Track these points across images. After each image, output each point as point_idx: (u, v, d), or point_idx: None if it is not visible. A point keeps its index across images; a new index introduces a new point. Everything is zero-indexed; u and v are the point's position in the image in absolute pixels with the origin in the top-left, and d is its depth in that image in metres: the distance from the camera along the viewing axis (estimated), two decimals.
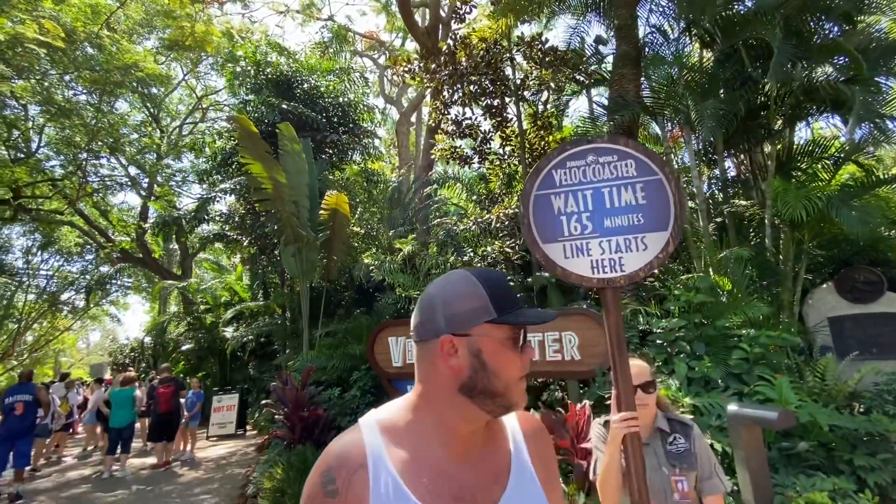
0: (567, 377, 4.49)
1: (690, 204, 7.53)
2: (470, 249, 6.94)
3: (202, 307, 17.28)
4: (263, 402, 5.87)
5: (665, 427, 1.58)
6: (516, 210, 6.47)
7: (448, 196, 10.08)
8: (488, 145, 9.01)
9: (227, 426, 10.47)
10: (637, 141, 1.52)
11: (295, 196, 7.58)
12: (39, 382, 9.55)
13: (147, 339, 19.71)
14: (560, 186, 1.46)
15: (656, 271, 7.15)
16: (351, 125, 11.84)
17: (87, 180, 15.16)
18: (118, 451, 7.33)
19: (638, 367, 1.58)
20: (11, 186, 12.83)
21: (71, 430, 11.18)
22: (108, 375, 19.72)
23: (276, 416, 5.13)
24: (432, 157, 9.07)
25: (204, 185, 12.34)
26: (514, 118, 8.24)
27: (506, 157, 8.97)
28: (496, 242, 6.14)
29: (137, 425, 8.30)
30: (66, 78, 12.46)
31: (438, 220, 8.59)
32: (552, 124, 9.13)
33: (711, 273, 5.05)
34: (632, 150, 1.47)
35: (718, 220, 6.69)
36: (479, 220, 6.64)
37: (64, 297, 25.28)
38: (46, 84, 11.49)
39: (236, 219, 11.63)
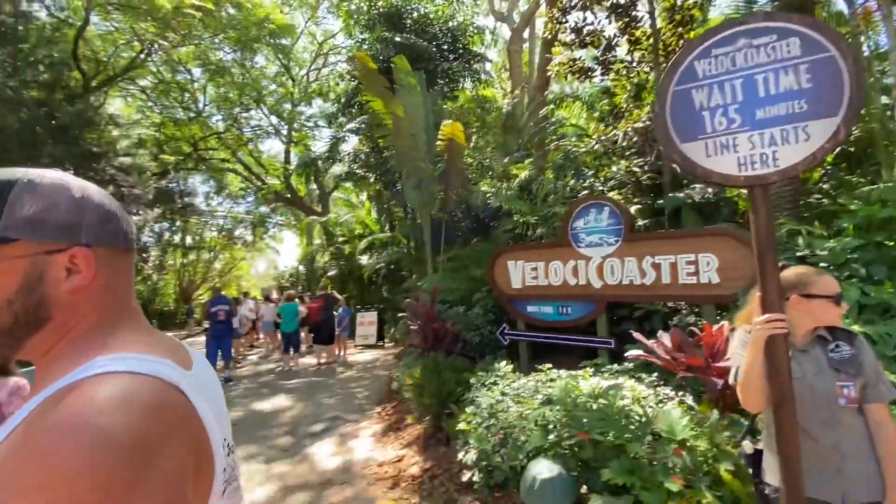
0: (702, 302, 4.22)
1: (885, 99, 5.95)
2: (590, 172, 6.58)
3: (340, 239, 19.60)
4: (399, 315, 6.65)
5: (826, 335, 1.48)
6: (647, 123, 5.85)
7: (565, 116, 9.46)
8: (613, 53, 8.07)
9: (369, 338, 12.20)
10: (806, 16, 1.27)
11: (413, 130, 7.87)
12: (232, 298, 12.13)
13: (300, 268, 23.26)
14: (703, 79, 1.33)
15: (826, 185, 5.98)
16: (461, 51, 11.54)
17: (242, 131, 17.56)
18: (291, 351, 9.18)
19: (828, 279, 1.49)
20: (190, 141, 15.51)
21: (253, 335, 14.22)
22: (274, 295, 23.84)
23: (411, 328, 5.83)
24: (548, 73, 8.46)
25: (332, 127, 13.42)
26: (646, 16, 7.16)
27: (634, 64, 7.96)
28: (623, 162, 5.69)
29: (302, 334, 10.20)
30: (216, 40, 14.19)
31: (555, 142, 8.21)
32: (693, 18, 7.72)
33: None
34: (796, 26, 1.25)
35: None
36: (603, 137, 6.16)
37: (237, 233, 30.71)
38: (202, 47, 13.23)
39: (361, 157, 12.60)
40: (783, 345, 1.32)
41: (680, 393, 3.18)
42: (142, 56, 13.40)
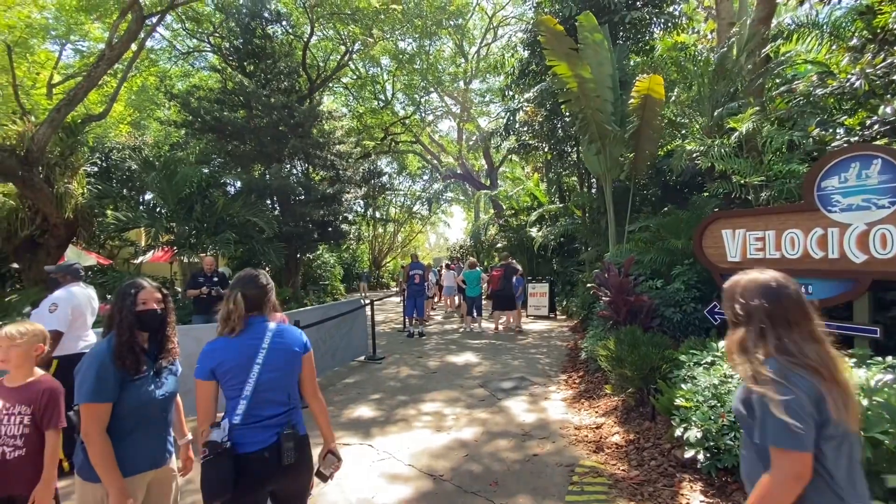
0: None
1: None
2: (841, 119, 5.18)
3: (508, 212, 20.01)
4: (588, 285, 6.49)
5: None
6: None
7: (798, 51, 7.61)
8: None
9: (540, 309, 12.31)
10: None
11: (598, 90, 7.39)
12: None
13: (468, 240, 24.66)
14: None
15: None
16: None
17: (422, 115, 19.14)
18: (474, 313, 9.91)
19: None
20: (382, 128, 17.64)
21: (437, 298, 15.80)
22: (443, 265, 25.70)
23: (603, 299, 5.65)
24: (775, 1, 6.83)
25: (504, 101, 13.54)
26: None
27: None
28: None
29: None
30: (402, 31, 15.61)
31: (784, 85, 6.71)
32: None
33: None
34: None
35: None
36: (869, 70, 4.73)
37: (414, 208, 34.09)
38: (392, 40, 14.71)
39: (535, 127, 12.45)
40: None
41: None
42: (347, 57, 15.67)
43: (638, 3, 10.23)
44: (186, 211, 9.65)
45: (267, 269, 11.12)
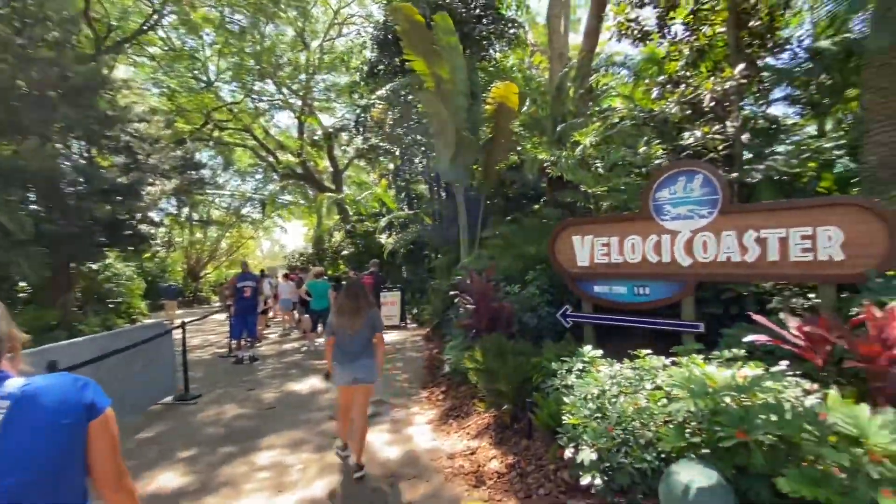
0: (819, 282, 3.70)
1: None
2: (657, 141, 5.99)
3: (355, 218, 19.08)
4: (451, 293, 6.16)
5: None
6: (727, 86, 5.24)
7: (611, 84, 8.81)
8: (673, 14, 7.40)
9: (391, 318, 11.78)
10: None
11: (455, 93, 7.26)
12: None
13: (310, 247, 22.84)
14: None
15: None
16: (494, 15, 10.79)
17: (256, 103, 16.86)
18: (319, 328, 8.75)
19: None
20: (203, 112, 14.85)
21: (271, 313, 13.84)
22: (280, 274, 23.32)
23: (466, 306, 5.35)
24: (610, 34, 7.76)
25: (353, 98, 12.76)
26: None
27: (696, 27, 7.30)
28: (704, 128, 5.12)
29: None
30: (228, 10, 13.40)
31: (606, 111, 7.60)
32: None
33: None
34: None
35: None
36: (683, 99, 5.56)
37: (244, 211, 30.10)
38: (217, 10, 12.47)
39: (386, 129, 11.96)
40: None
41: (810, 383, 2.71)
42: (154, 18, 12.65)
43: (484, 20, 10.69)
44: None
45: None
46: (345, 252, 17.78)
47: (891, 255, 3.38)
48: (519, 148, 7.12)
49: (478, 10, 10.70)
